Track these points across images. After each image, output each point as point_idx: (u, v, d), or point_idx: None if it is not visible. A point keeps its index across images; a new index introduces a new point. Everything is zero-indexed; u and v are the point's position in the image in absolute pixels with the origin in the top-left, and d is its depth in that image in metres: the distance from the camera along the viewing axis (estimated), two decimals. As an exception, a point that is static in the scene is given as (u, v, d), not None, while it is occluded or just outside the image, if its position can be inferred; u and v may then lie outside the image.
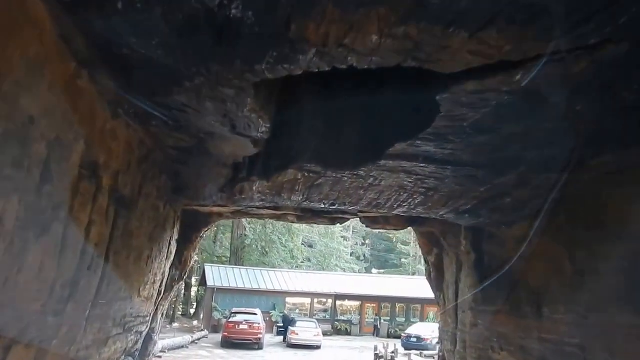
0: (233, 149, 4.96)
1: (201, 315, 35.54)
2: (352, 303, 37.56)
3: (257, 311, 26.66)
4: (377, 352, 20.38)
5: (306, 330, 26.99)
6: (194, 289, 42.20)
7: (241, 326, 24.72)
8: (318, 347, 26.70)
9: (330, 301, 36.73)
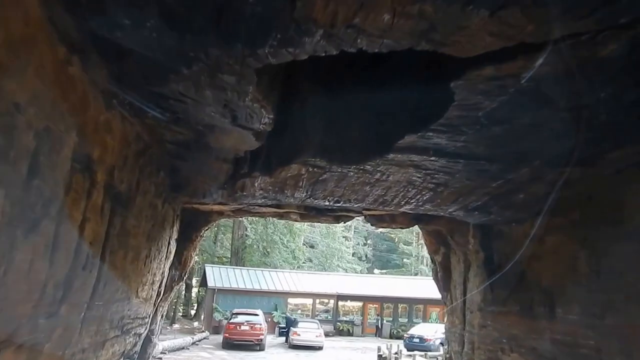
0: (234, 142, 4.75)
1: (202, 316, 35.44)
2: (354, 303, 37.43)
3: (259, 312, 26.53)
4: (380, 353, 20.14)
5: (308, 331, 26.84)
6: (194, 290, 42.11)
7: (242, 327, 24.60)
8: (320, 348, 26.55)
9: (332, 302, 36.58)
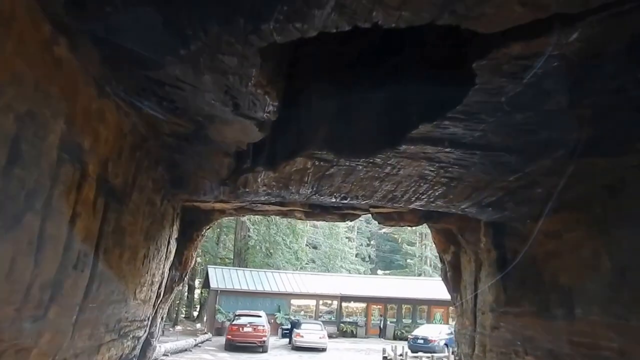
0: (236, 134, 4.46)
1: (204, 318, 35.25)
2: (357, 305, 37.17)
3: (262, 313, 26.33)
4: (385, 355, 19.83)
5: (311, 333, 26.60)
6: (197, 291, 41.91)
7: (245, 329, 24.43)
8: (323, 349, 26.29)
9: (336, 303, 36.33)
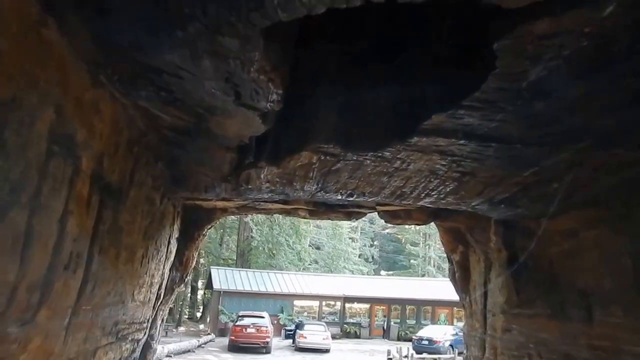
0: (238, 127, 4.22)
1: (208, 319, 35.10)
2: (361, 305, 36.94)
3: (265, 314, 26.21)
4: (390, 357, 19.57)
5: (315, 334, 26.42)
6: (200, 292, 41.78)
7: (248, 330, 24.35)
8: (327, 350, 26.10)
9: (339, 304, 36.11)
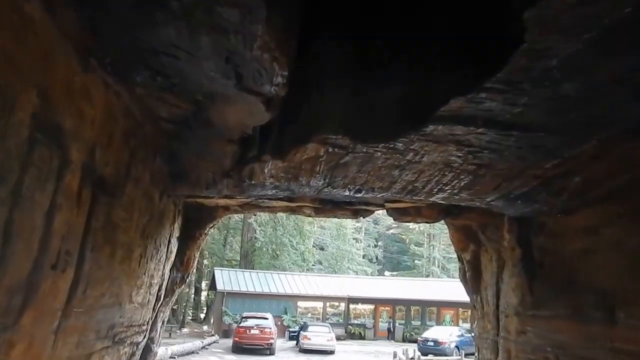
0: (239, 115, 3.95)
1: (211, 320, 34.92)
2: (365, 306, 36.75)
3: (268, 315, 26.09)
4: (396, 359, 19.29)
5: (319, 335, 26.26)
6: (203, 293, 41.63)
7: (252, 331, 24.23)
8: (331, 352, 25.91)
9: (343, 305, 35.89)
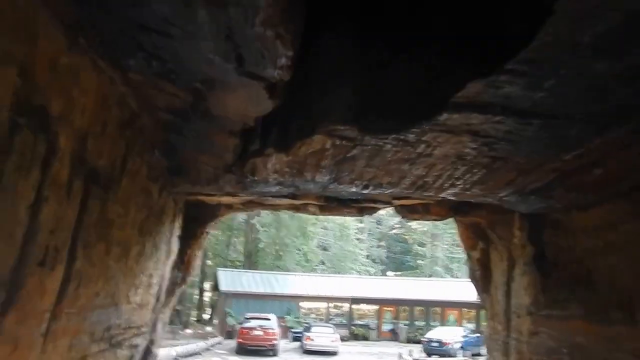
0: (241, 104, 3.71)
1: (215, 321, 34.73)
2: (369, 307, 36.49)
3: (272, 316, 25.86)
4: (401, 360, 19.03)
5: (322, 336, 26.02)
6: (207, 294, 41.45)
7: (255, 332, 24.05)
8: (335, 352, 25.64)
9: (347, 305, 35.64)
